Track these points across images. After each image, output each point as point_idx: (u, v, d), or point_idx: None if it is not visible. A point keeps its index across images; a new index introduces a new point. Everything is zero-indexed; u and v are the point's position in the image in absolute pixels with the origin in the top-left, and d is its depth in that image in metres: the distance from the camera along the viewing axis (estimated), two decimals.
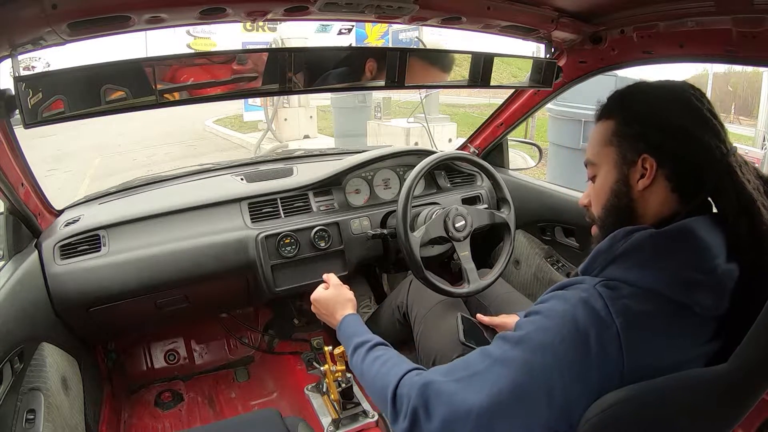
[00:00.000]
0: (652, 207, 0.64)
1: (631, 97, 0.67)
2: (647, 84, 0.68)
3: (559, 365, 0.56)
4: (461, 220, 1.25)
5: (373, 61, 0.98)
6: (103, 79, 0.73)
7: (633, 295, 0.58)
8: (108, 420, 1.36)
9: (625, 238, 0.62)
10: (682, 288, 0.58)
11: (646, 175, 0.63)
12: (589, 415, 0.54)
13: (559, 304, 0.60)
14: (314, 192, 1.48)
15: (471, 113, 9.93)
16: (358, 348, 0.82)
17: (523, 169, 1.89)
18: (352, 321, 0.91)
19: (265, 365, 1.73)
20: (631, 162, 0.64)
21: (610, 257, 0.62)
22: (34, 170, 1.13)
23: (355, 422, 1.32)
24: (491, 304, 1.28)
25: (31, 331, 1.04)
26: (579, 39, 1.17)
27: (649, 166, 0.62)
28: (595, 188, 0.69)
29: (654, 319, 0.57)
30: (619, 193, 0.65)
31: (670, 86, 0.66)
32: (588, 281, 0.61)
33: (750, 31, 0.83)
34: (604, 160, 0.67)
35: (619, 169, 0.65)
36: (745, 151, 4.49)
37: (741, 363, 0.53)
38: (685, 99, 0.63)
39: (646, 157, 0.62)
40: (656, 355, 0.56)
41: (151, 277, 1.24)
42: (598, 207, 0.69)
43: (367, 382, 0.77)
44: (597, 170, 0.69)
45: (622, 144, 0.65)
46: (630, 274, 0.60)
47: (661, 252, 0.59)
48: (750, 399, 0.55)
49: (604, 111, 0.69)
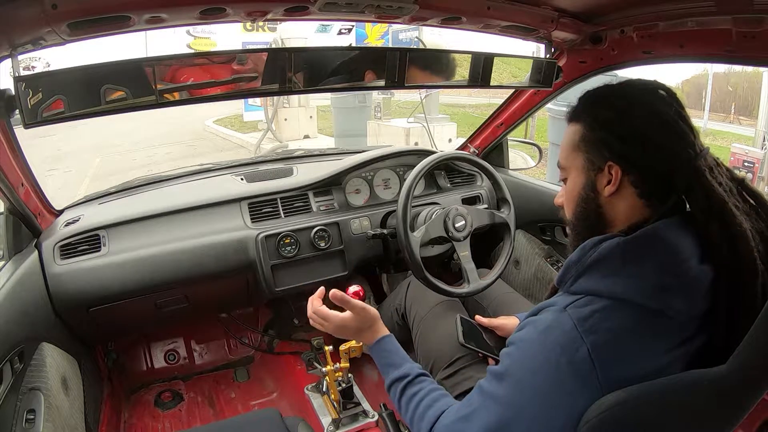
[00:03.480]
0: (621, 212, 0.65)
1: (598, 100, 0.67)
2: (615, 86, 0.67)
3: (538, 398, 0.58)
4: (461, 220, 1.25)
5: (373, 61, 0.98)
6: (103, 79, 0.73)
7: (604, 309, 0.58)
8: (108, 420, 1.36)
9: (594, 248, 0.63)
10: (653, 294, 0.58)
11: (611, 181, 0.63)
12: (589, 416, 0.54)
13: (531, 333, 0.62)
14: (314, 192, 1.48)
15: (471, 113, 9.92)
16: (395, 383, 0.81)
17: (523, 169, 1.89)
18: (387, 345, 0.86)
19: (265, 365, 1.73)
20: (598, 168, 0.64)
21: (581, 268, 0.63)
22: (34, 170, 1.13)
23: (355, 422, 1.32)
24: (489, 305, 1.28)
25: (31, 331, 1.04)
26: (579, 39, 1.17)
27: (614, 172, 0.63)
28: (566, 191, 0.71)
29: (625, 332, 0.57)
30: (587, 199, 0.66)
31: (637, 89, 0.66)
32: (559, 302, 0.62)
33: (750, 31, 0.83)
34: (572, 164, 0.68)
35: (587, 175, 0.66)
36: (745, 151, 4.49)
37: (740, 364, 0.53)
38: (649, 102, 0.63)
39: (611, 164, 0.63)
40: (630, 366, 0.57)
41: (151, 277, 1.24)
42: (569, 212, 0.70)
43: (405, 419, 0.79)
44: (567, 174, 0.70)
45: (588, 150, 0.65)
46: (601, 284, 0.60)
47: (631, 259, 0.60)
48: (750, 399, 0.55)
49: (573, 114, 0.69)
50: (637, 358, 0.57)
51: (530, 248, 1.67)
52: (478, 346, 0.98)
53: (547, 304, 0.65)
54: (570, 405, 0.56)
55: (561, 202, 0.74)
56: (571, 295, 0.63)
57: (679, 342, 0.59)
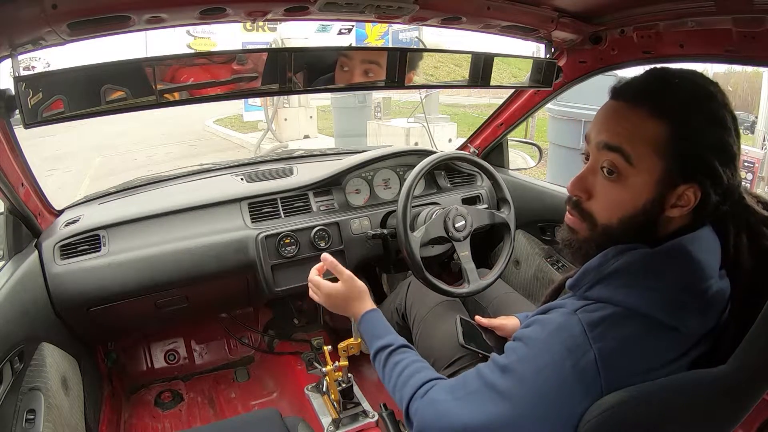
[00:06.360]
0: (670, 228, 0.59)
1: (685, 98, 0.55)
2: (693, 82, 0.56)
3: (538, 397, 0.57)
4: (461, 220, 1.25)
5: (373, 61, 0.98)
6: (103, 79, 0.73)
7: (614, 316, 0.56)
8: (108, 420, 1.36)
9: (617, 257, 0.59)
10: (670, 310, 0.56)
11: (685, 204, 0.56)
12: (589, 416, 0.54)
13: (539, 331, 0.60)
14: (314, 192, 1.48)
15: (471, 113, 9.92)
16: (379, 352, 0.83)
17: (523, 169, 1.89)
18: (373, 318, 0.89)
19: (265, 365, 1.73)
20: (675, 185, 0.55)
21: (600, 276, 0.60)
22: (34, 170, 1.13)
23: (355, 422, 1.32)
24: (489, 305, 1.28)
25: (31, 331, 1.04)
26: (579, 39, 1.17)
27: (692, 194, 0.55)
28: (615, 192, 0.58)
29: (634, 341, 0.56)
30: (646, 212, 0.57)
31: (714, 89, 0.56)
32: (569, 305, 0.60)
33: (750, 31, 0.83)
34: (645, 168, 0.56)
35: (660, 189, 0.56)
36: (745, 151, 4.49)
37: (740, 364, 0.53)
38: (726, 116, 0.54)
39: (694, 187, 0.54)
40: (634, 375, 0.56)
41: (151, 277, 1.24)
42: (613, 216, 0.59)
43: (388, 388, 0.79)
44: (628, 172, 0.56)
45: (674, 160, 0.54)
46: (618, 295, 0.58)
47: (653, 272, 0.57)
48: (750, 400, 0.55)
49: (650, 100, 0.56)
50: (643, 367, 0.56)
51: (530, 248, 1.67)
52: (478, 346, 0.98)
53: (556, 304, 0.63)
54: (570, 406, 0.56)
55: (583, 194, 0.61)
56: (583, 300, 0.61)
57: (684, 351, 0.58)
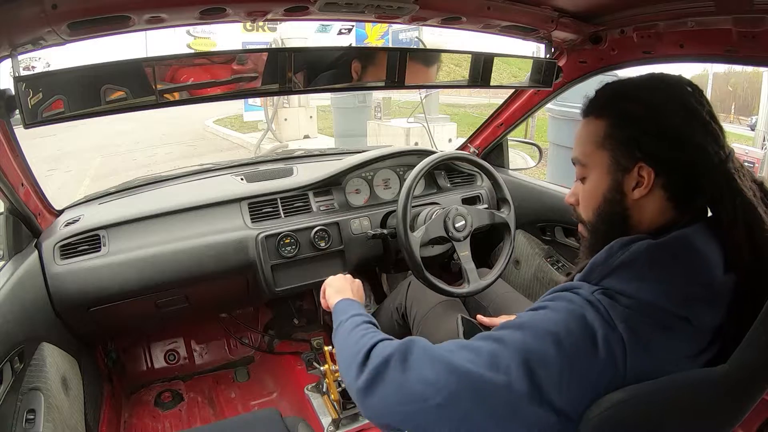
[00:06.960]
0: (648, 215, 0.61)
1: (625, 94, 0.62)
2: (641, 80, 0.63)
3: (561, 359, 0.53)
4: (461, 220, 1.25)
5: (373, 61, 0.98)
6: (103, 79, 0.73)
7: (631, 306, 0.56)
8: (108, 420, 1.36)
9: (622, 250, 0.59)
10: (680, 301, 0.56)
11: (642, 184, 0.60)
12: (590, 415, 0.54)
13: (564, 302, 0.58)
14: (314, 192, 1.48)
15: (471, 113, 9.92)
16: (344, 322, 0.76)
17: (523, 169, 1.88)
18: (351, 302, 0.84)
19: (265, 365, 1.74)
20: (626, 168, 0.60)
21: (607, 269, 0.59)
22: (34, 170, 1.13)
23: (355, 422, 1.32)
24: (490, 304, 1.28)
25: (31, 331, 1.04)
26: (579, 39, 1.17)
27: (645, 174, 0.59)
28: (585, 191, 0.66)
29: (654, 330, 0.55)
30: (613, 201, 0.62)
31: (666, 84, 0.61)
32: (586, 287, 0.59)
33: (750, 31, 0.83)
34: (595, 163, 0.63)
35: (613, 176, 0.61)
36: (745, 151, 4.49)
37: (741, 364, 0.53)
38: (683, 100, 0.59)
39: (642, 165, 0.59)
40: (656, 364, 0.54)
41: (151, 277, 1.24)
42: (589, 211, 0.66)
43: (340, 348, 0.72)
44: (587, 172, 0.65)
45: (615, 149, 0.61)
46: (628, 287, 0.57)
47: (659, 264, 0.57)
48: (750, 399, 0.54)
49: (594, 108, 0.64)
50: (664, 358, 0.55)
51: (530, 248, 1.67)
52: None
53: (573, 285, 0.61)
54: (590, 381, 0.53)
55: (574, 202, 0.69)
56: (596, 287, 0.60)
57: (698, 350, 0.57)
